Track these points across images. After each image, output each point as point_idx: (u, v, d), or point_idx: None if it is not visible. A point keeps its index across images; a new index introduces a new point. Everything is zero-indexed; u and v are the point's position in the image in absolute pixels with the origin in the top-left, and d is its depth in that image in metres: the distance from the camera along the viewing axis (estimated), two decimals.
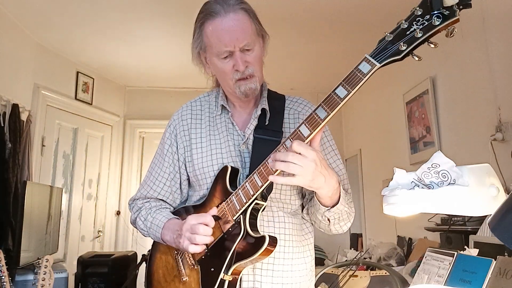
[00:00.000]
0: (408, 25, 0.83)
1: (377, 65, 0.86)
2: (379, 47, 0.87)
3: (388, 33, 0.86)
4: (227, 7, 1.08)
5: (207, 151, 1.19)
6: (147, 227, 1.21)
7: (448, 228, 2.01)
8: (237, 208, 1.04)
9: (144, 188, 1.28)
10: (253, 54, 1.10)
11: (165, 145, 1.26)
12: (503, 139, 1.95)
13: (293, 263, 1.13)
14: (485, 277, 1.00)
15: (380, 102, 3.60)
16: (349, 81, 0.89)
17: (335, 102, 0.91)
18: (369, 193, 3.90)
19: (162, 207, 1.24)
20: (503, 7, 2.00)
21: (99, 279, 3.01)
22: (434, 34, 0.81)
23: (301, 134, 0.94)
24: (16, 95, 3.09)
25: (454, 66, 2.42)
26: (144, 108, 4.66)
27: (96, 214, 4.24)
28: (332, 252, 3.75)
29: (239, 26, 1.08)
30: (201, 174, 1.18)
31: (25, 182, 2.63)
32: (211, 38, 1.10)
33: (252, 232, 1.03)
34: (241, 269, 1.05)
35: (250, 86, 1.12)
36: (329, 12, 2.96)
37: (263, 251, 0.99)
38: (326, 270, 1.99)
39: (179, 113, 1.28)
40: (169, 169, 1.24)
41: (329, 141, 1.23)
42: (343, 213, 1.09)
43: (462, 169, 0.79)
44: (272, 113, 1.18)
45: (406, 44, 0.83)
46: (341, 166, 1.21)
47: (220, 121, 1.22)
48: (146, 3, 2.89)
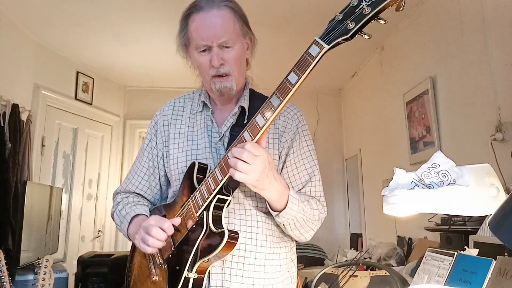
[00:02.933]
0: (357, 2, 0.79)
1: (325, 47, 0.83)
2: (328, 28, 0.84)
3: (338, 13, 0.82)
4: (212, 3, 1.09)
5: (183, 147, 1.19)
6: (120, 221, 1.21)
7: (448, 228, 2.01)
8: (200, 204, 1.03)
9: (125, 182, 1.29)
10: (231, 52, 1.10)
11: (146, 140, 1.28)
12: (503, 139, 1.95)
13: (266, 263, 1.11)
14: (485, 277, 1.00)
15: (380, 102, 3.60)
16: (300, 66, 0.86)
17: (287, 88, 0.88)
18: (369, 193, 3.90)
19: (138, 203, 1.23)
20: (503, 7, 2.00)
21: (99, 279, 3.00)
22: (383, 9, 0.77)
23: (257, 124, 0.93)
24: (16, 95, 3.09)
25: (454, 66, 2.42)
26: (144, 108, 4.66)
27: (96, 214, 4.24)
28: (332, 252, 3.75)
29: (220, 22, 1.08)
30: (174, 169, 1.18)
31: (25, 182, 2.63)
32: (193, 31, 1.11)
33: (214, 228, 1.00)
34: (206, 267, 1.03)
35: (225, 85, 1.12)
36: (330, 12, 2.96)
37: (223, 246, 0.96)
38: (326, 270, 1.99)
39: (162, 109, 1.30)
40: (148, 164, 1.25)
41: (308, 145, 1.21)
42: (298, 219, 1.07)
43: (462, 169, 0.79)
44: (251, 112, 1.16)
45: (354, 22, 0.79)
46: (316, 172, 1.19)
47: (200, 118, 1.22)
48: (147, 3, 2.89)
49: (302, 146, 1.19)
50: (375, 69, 3.69)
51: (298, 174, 1.16)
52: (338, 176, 4.61)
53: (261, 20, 3.14)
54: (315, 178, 1.17)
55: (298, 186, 1.16)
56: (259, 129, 0.92)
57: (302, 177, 1.16)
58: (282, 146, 1.17)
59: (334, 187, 4.56)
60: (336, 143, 4.63)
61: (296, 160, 1.17)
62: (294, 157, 1.17)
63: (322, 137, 4.48)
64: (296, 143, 1.18)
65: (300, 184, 1.16)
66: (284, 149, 1.17)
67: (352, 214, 4.46)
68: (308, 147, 1.21)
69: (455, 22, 2.37)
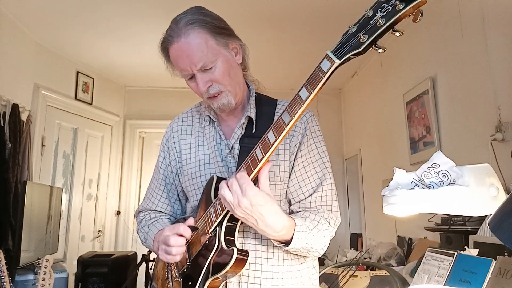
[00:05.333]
0: (372, 13, 0.73)
1: (336, 61, 0.77)
2: (341, 41, 0.78)
3: (352, 25, 0.76)
4: (179, 31, 1.05)
5: (195, 161, 1.18)
6: (144, 238, 1.22)
7: (448, 228, 2.01)
8: (213, 219, 1.01)
9: (145, 200, 1.30)
10: (215, 71, 1.06)
11: (160, 158, 1.28)
12: (503, 139, 1.95)
13: (284, 276, 1.09)
14: (485, 277, 1.00)
15: (380, 102, 3.60)
16: (311, 82, 0.82)
17: (298, 105, 0.84)
18: (369, 193, 3.90)
19: (159, 218, 1.24)
20: (503, 7, 2.00)
21: (99, 279, 3.01)
22: (399, 20, 0.70)
23: (268, 141, 0.90)
24: (16, 95, 3.09)
25: (454, 66, 2.42)
26: (144, 108, 4.66)
27: (96, 214, 4.24)
28: (332, 252, 3.74)
29: (191, 49, 1.03)
30: (190, 185, 1.18)
31: (25, 182, 2.63)
32: (173, 63, 1.10)
33: (225, 245, 0.99)
34: (217, 284, 1.01)
35: (222, 102, 1.09)
36: (332, 11, 2.96)
37: (232, 265, 0.95)
38: (326, 270, 1.99)
39: (171, 125, 1.29)
40: (164, 181, 1.25)
41: (318, 147, 1.15)
42: (306, 249, 1.04)
43: (462, 169, 0.79)
44: (260, 120, 1.14)
45: (367, 35, 0.73)
46: (327, 175, 1.13)
47: (209, 131, 1.20)
48: (147, 3, 2.89)
49: (312, 148, 1.14)
50: (375, 69, 3.69)
51: (308, 179, 1.11)
52: (338, 176, 4.61)
53: (261, 20, 3.14)
54: (326, 182, 1.12)
55: (309, 191, 1.11)
56: (270, 146, 0.90)
57: (313, 181, 1.11)
58: (291, 151, 1.13)
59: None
60: (336, 143, 4.63)
61: (305, 164, 1.12)
62: (303, 161, 1.12)
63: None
64: (304, 146, 1.13)
65: (311, 189, 1.11)
66: (293, 154, 1.13)
67: (352, 214, 4.46)
68: (318, 149, 1.15)
69: (455, 22, 2.37)
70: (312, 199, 1.11)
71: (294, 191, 1.12)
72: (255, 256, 1.08)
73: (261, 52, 3.60)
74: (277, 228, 0.96)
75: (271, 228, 0.95)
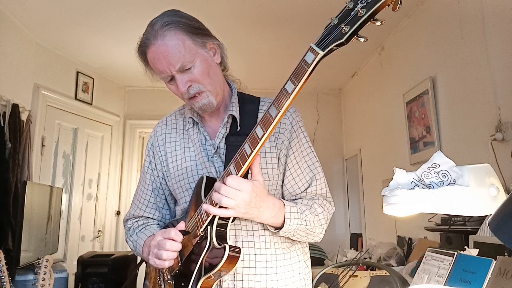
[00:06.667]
0: (353, 4, 0.75)
1: (320, 53, 0.79)
2: (324, 33, 0.80)
3: (334, 17, 0.79)
4: (155, 33, 1.06)
5: (181, 163, 1.18)
6: (134, 247, 1.21)
7: (448, 228, 2.01)
8: (204, 218, 1.01)
9: (132, 207, 1.29)
10: (194, 70, 1.06)
11: (145, 163, 1.27)
12: (503, 139, 1.95)
13: (278, 271, 1.09)
14: (485, 277, 1.00)
15: (380, 102, 3.60)
16: (296, 74, 0.84)
17: (284, 98, 0.85)
18: (369, 193, 3.90)
19: (148, 225, 1.23)
20: (503, 7, 2.00)
21: (99, 279, 3.01)
22: (379, 9, 0.73)
23: (256, 135, 0.91)
24: (16, 95, 3.09)
25: (454, 66, 2.42)
26: (144, 108, 4.66)
27: (96, 214, 4.24)
28: (332, 252, 3.75)
29: (168, 51, 1.04)
30: (179, 188, 1.18)
31: (25, 182, 2.64)
32: (151, 66, 1.11)
33: (217, 243, 0.99)
34: (211, 284, 1.01)
35: (203, 102, 1.09)
36: (329, 12, 2.96)
37: (224, 262, 0.95)
38: (326, 270, 1.99)
39: (155, 129, 1.28)
40: (151, 186, 1.25)
41: (307, 141, 1.19)
42: (301, 230, 1.06)
43: (462, 169, 0.79)
44: (244, 118, 1.15)
45: (349, 26, 0.75)
46: (319, 168, 1.17)
47: (193, 133, 1.20)
48: (147, 3, 2.89)
49: (302, 143, 1.17)
50: (375, 69, 3.69)
51: (302, 174, 1.14)
52: (338, 176, 4.61)
53: (261, 20, 3.14)
54: (319, 175, 1.15)
55: (304, 185, 1.14)
56: (258, 141, 0.90)
57: (306, 175, 1.14)
58: (279, 148, 1.14)
59: (334, 187, 4.56)
60: (336, 143, 4.63)
61: (298, 159, 1.15)
62: (296, 157, 1.15)
63: (322, 137, 4.49)
64: (295, 142, 1.15)
65: (306, 183, 1.14)
66: (282, 151, 1.14)
67: (352, 214, 4.46)
68: (308, 143, 1.18)
69: (455, 22, 2.37)
70: (307, 194, 1.14)
71: (291, 187, 1.14)
72: (248, 253, 1.08)
73: (255, 52, 3.61)
74: (274, 210, 1.00)
75: (269, 213, 0.99)
